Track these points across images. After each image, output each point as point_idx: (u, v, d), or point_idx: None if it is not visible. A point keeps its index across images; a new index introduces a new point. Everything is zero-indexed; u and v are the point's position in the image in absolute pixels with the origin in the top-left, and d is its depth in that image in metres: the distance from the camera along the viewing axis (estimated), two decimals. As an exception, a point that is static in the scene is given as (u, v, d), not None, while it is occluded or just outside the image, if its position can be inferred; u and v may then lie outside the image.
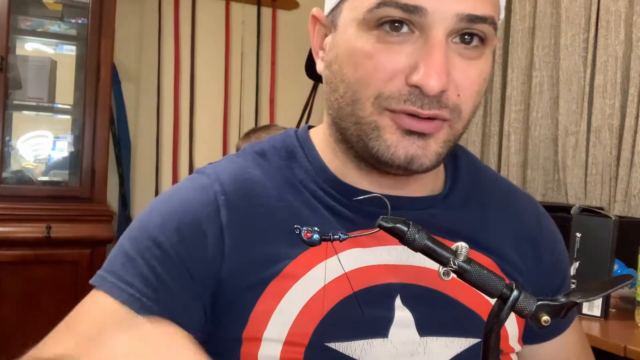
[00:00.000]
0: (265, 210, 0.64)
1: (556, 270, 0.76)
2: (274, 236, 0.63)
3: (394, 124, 0.59)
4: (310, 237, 0.39)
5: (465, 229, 0.68)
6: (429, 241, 0.37)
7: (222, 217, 0.63)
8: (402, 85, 0.57)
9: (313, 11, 0.67)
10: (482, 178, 0.74)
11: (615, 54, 2.05)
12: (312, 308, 0.61)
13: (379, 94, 0.58)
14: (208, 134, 3.14)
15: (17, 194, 2.44)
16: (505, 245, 0.70)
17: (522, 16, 2.43)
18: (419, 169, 0.60)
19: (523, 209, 0.75)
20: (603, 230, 1.46)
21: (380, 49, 0.57)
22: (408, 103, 0.57)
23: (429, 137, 0.60)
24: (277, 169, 0.67)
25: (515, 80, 2.45)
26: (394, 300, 0.62)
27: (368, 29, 0.58)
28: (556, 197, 2.33)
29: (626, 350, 1.28)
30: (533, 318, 0.38)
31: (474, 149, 2.65)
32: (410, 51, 0.57)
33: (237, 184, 0.66)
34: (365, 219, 0.63)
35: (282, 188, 0.66)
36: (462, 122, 0.62)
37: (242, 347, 0.61)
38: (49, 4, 2.61)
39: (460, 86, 0.59)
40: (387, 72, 0.57)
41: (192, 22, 3.12)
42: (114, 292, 0.61)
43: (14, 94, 2.51)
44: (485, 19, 0.57)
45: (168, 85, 3.07)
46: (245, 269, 0.62)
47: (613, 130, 2.06)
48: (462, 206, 0.70)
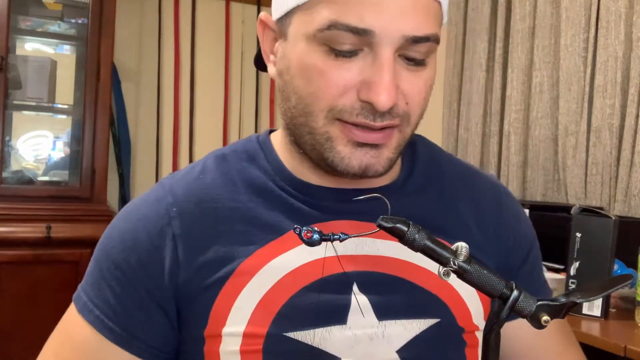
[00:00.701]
0: (219, 212, 0.67)
1: (519, 247, 0.77)
2: (228, 237, 0.66)
3: (345, 136, 0.62)
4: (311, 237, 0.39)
5: (423, 214, 0.71)
6: (429, 241, 0.37)
7: (174, 228, 0.67)
8: (355, 100, 0.60)
9: (261, 16, 0.70)
10: (441, 165, 0.77)
11: (615, 54, 2.05)
12: (268, 301, 0.63)
13: (331, 107, 0.61)
14: (208, 134, 3.14)
15: (17, 194, 2.44)
16: (465, 226, 0.73)
17: (522, 16, 2.43)
18: (374, 175, 0.64)
19: (483, 190, 0.77)
20: (603, 230, 1.46)
21: (331, 66, 0.60)
22: (360, 117, 0.60)
23: (381, 147, 0.63)
24: (237, 171, 0.71)
25: (515, 80, 2.45)
26: (350, 288, 0.65)
27: (318, 45, 0.60)
28: (556, 197, 2.33)
29: (626, 350, 1.28)
30: (533, 318, 0.38)
31: (473, 149, 2.65)
32: (361, 68, 0.60)
33: (190, 192, 0.69)
34: (322, 214, 0.67)
35: (239, 189, 0.69)
36: (411, 126, 0.65)
37: (205, 345, 0.64)
38: (49, 4, 2.61)
39: (408, 95, 0.62)
40: (338, 88, 0.60)
41: (192, 22, 3.12)
42: (84, 313, 0.67)
43: (14, 93, 2.51)
44: (428, 38, 0.60)
45: (168, 85, 3.07)
46: (202, 271, 0.65)
47: (613, 130, 2.06)
48: (419, 193, 0.73)
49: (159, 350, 0.66)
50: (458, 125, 2.78)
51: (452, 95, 2.81)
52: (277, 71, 0.67)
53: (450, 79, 2.81)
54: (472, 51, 2.67)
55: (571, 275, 1.51)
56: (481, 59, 2.63)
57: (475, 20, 2.67)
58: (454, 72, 2.79)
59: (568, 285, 1.52)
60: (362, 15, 0.57)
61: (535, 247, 0.80)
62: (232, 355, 0.63)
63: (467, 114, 2.72)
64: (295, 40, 0.62)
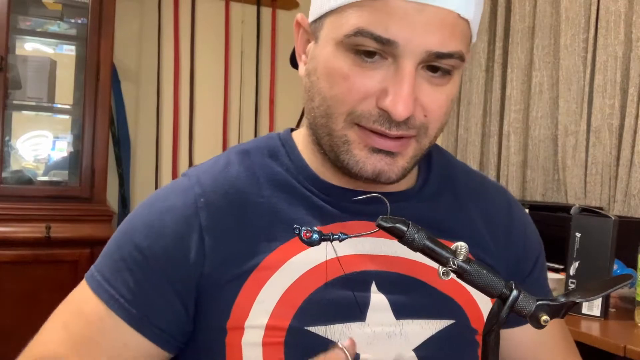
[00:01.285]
0: (245, 206, 0.69)
1: (528, 254, 0.80)
2: (253, 231, 0.68)
3: (362, 140, 0.64)
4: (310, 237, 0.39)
5: (438, 219, 0.73)
6: (429, 241, 0.37)
7: (202, 219, 0.67)
8: (373, 106, 0.62)
9: (297, 17, 0.71)
10: (455, 173, 0.79)
11: (615, 54, 2.05)
12: (290, 296, 0.65)
13: (351, 111, 0.63)
14: (208, 134, 3.14)
15: (17, 194, 2.44)
16: (476, 231, 0.75)
17: (522, 16, 2.43)
18: (386, 182, 0.66)
19: (494, 198, 0.80)
20: (603, 230, 1.46)
21: (355, 72, 0.62)
22: (377, 124, 0.62)
23: (397, 155, 0.65)
24: (260, 167, 0.72)
25: (515, 80, 2.45)
26: (369, 286, 0.66)
27: (345, 51, 0.62)
28: (556, 197, 2.33)
29: (626, 350, 1.28)
30: (532, 318, 0.38)
31: (474, 149, 2.65)
32: (382, 76, 0.61)
33: (217, 183, 0.70)
34: (341, 213, 0.69)
35: (263, 184, 0.70)
36: (429, 138, 0.67)
37: (227, 336, 0.65)
38: (48, 4, 2.61)
39: (428, 109, 0.63)
40: (360, 93, 0.62)
41: (192, 22, 3.12)
42: (99, 291, 0.67)
43: (14, 93, 2.51)
44: (452, 55, 0.61)
45: (168, 85, 3.07)
46: (226, 264, 0.66)
47: (613, 130, 2.06)
48: (434, 198, 0.75)
49: (173, 338, 0.67)
50: (458, 125, 2.78)
51: (452, 95, 2.81)
52: (306, 71, 0.69)
53: (450, 79, 2.81)
54: (472, 51, 2.67)
55: (571, 275, 1.51)
56: (481, 58, 2.63)
57: (475, 20, 2.67)
58: (454, 72, 2.79)
59: (568, 285, 1.52)
60: (387, 26, 0.59)
61: (542, 255, 0.82)
62: (254, 347, 0.64)
63: (467, 114, 2.72)
64: (324, 44, 0.65)
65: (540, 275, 0.81)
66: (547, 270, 0.84)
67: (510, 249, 0.77)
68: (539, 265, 0.81)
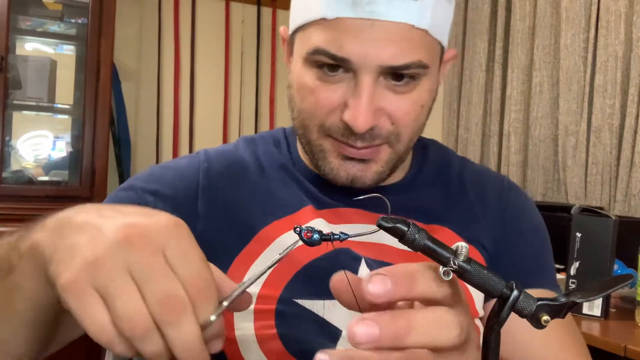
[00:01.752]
0: (245, 181, 0.74)
1: (527, 239, 0.79)
2: (249, 204, 0.72)
3: (335, 149, 0.68)
4: (311, 237, 0.40)
5: (428, 205, 0.75)
6: (429, 241, 0.37)
7: (201, 178, 0.73)
8: (339, 119, 0.65)
9: (280, 30, 0.75)
10: (452, 165, 0.81)
11: (615, 54, 2.05)
12: (283, 268, 0.68)
13: (322, 124, 0.67)
14: (208, 134, 3.14)
15: (17, 194, 2.44)
16: (470, 216, 0.76)
17: (522, 16, 2.43)
18: (362, 187, 0.69)
19: (489, 184, 0.81)
20: (603, 230, 1.46)
21: (320, 86, 0.65)
22: (344, 137, 0.66)
23: (369, 161, 0.68)
24: (263, 152, 0.78)
25: (515, 80, 2.45)
26: (359, 264, 0.69)
27: (310, 66, 0.66)
28: (556, 197, 2.33)
29: (626, 350, 1.28)
30: (533, 318, 0.38)
31: (474, 149, 2.65)
32: (344, 90, 0.64)
33: (222, 156, 0.76)
34: (333, 200, 0.73)
35: (265, 167, 0.76)
36: (403, 143, 0.69)
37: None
38: (49, 4, 2.61)
39: (394, 117, 0.66)
40: (325, 107, 0.66)
41: (192, 22, 3.12)
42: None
43: (14, 93, 2.51)
44: (408, 66, 0.63)
45: (168, 85, 3.07)
46: (222, 230, 0.70)
47: (613, 130, 2.06)
48: (426, 187, 0.77)
49: None
50: (458, 125, 2.78)
51: (452, 95, 2.81)
52: (288, 81, 0.72)
53: (450, 79, 2.81)
54: (472, 51, 2.67)
55: (571, 275, 1.51)
56: (481, 58, 2.63)
57: (475, 20, 2.67)
58: (454, 72, 2.79)
59: (568, 285, 1.52)
60: (341, 44, 0.62)
61: (540, 237, 0.80)
62: (246, 314, 0.67)
63: (467, 113, 2.72)
64: (297, 58, 0.68)
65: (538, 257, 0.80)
66: (550, 252, 0.81)
67: (503, 232, 0.77)
68: (543, 254, 0.80)
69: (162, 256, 0.38)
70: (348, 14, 0.61)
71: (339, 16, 0.61)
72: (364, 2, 0.60)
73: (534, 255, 0.79)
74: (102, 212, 0.42)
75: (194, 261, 0.39)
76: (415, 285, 0.37)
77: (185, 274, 0.38)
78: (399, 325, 0.36)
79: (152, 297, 0.37)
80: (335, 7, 0.62)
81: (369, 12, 0.60)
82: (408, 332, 0.36)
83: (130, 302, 0.37)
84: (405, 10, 0.61)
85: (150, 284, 0.37)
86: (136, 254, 0.38)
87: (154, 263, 0.38)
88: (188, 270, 0.39)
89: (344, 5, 0.61)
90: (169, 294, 0.37)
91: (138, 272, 0.38)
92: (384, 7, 0.60)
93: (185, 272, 0.39)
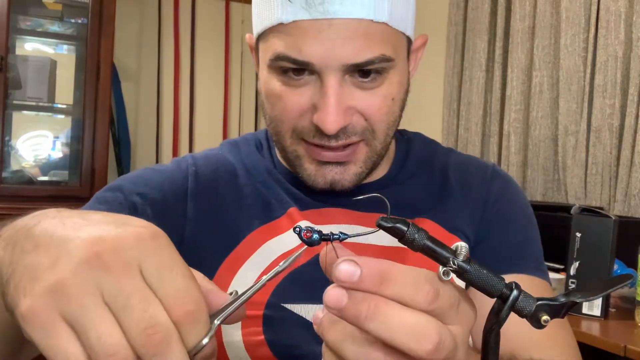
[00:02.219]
0: (231, 185, 0.73)
1: (506, 228, 0.76)
2: (236, 209, 0.72)
3: (310, 155, 0.67)
4: (310, 237, 0.39)
5: (408, 200, 0.74)
6: (429, 241, 0.37)
7: (190, 182, 0.72)
8: (310, 122, 0.65)
9: (246, 38, 0.74)
10: (436, 156, 0.80)
11: (615, 54, 2.05)
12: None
13: (293, 128, 0.66)
14: (208, 134, 3.14)
15: (17, 194, 2.44)
16: (450, 208, 0.75)
17: (522, 16, 2.43)
18: (342, 189, 0.68)
19: (471, 177, 0.79)
20: (603, 230, 1.46)
21: (286, 91, 0.65)
22: (316, 138, 0.65)
23: (347, 164, 0.67)
24: (247, 156, 0.77)
25: (515, 80, 2.45)
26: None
27: (275, 73, 0.65)
28: (556, 197, 2.32)
29: (626, 350, 1.28)
30: (532, 318, 0.38)
31: (474, 149, 2.65)
32: (311, 93, 0.64)
33: (208, 160, 0.76)
34: (316, 202, 0.72)
35: (249, 171, 0.76)
36: (379, 140, 0.68)
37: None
38: (49, 3, 2.61)
39: (366, 113, 0.65)
40: (294, 112, 0.65)
41: (192, 22, 3.12)
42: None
43: (14, 93, 2.51)
44: (372, 61, 0.62)
45: (168, 85, 3.07)
46: (209, 235, 0.69)
47: (613, 130, 2.06)
48: (409, 180, 0.77)
49: None
50: (458, 125, 2.78)
51: (452, 95, 2.81)
52: (257, 89, 0.72)
53: (450, 79, 2.81)
54: (472, 51, 2.67)
55: (571, 275, 1.51)
56: (481, 58, 2.63)
57: (475, 20, 2.67)
58: (454, 72, 2.79)
59: (568, 285, 1.52)
60: (301, 48, 0.61)
61: (520, 223, 0.77)
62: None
63: (467, 114, 2.72)
64: (262, 66, 0.68)
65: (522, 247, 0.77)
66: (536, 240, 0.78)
67: (488, 225, 0.75)
68: (526, 244, 0.76)
69: (139, 275, 0.34)
70: (303, 16, 0.60)
71: (295, 19, 0.61)
72: (317, 2, 0.60)
73: (514, 242, 0.76)
74: (66, 220, 0.37)
75: (176, 277, 0.35)
76: (387, 285, 0.35)
77: (168, 294, 0.34)
78: (364, 306, 0.34)
79: (131, 328, 0.33)
80: (290, 10, 0.61)
81: (323, 12, 0.60)
82: (370, 318, 0.34)
83: (106, 334, 0.32)
84: (361, 5, 0.60)
85: (127, 312, 0.33)
86: (109, 275, 0.33)
87: (130, 285, 0.33)
88: (170, 289, 0.34)
89: (299, 8, 0.61)
90: (150, 323, 0.33)
91: (112, 297, 0.33)
92: (338, 5, 0.60)
93: (167, 291, 0.34)
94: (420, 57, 0.74)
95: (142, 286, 0.33)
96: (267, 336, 0.65)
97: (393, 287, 0.35)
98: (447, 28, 2.81)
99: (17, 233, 0.38)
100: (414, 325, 0.34)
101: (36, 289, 0.33)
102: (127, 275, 0.33)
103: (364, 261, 0.35)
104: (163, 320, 0.33)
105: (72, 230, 0.35)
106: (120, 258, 0.34)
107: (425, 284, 0.35)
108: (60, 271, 0.33)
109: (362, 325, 0.34)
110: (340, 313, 0.35)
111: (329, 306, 0.35)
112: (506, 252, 0.74)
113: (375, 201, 0.51)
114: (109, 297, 0.33)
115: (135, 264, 0.34)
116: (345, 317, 0.35)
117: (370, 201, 0.53)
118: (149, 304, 0.33)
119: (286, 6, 0.61)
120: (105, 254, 0.33)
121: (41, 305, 0.33)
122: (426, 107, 2.84)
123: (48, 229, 0.36)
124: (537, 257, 0.77)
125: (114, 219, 0.37)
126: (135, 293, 0.33)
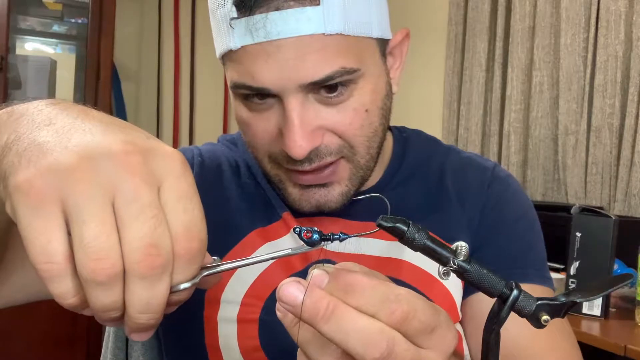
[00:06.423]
0: (230, 182, 0.73)
1: (507, 234, 0.73)
2: (236, 206, 0.70)
3: (290, 179, 0.64)
4: (310, 237, 0.39)
5: (401, 206, 0.71)
6: (429, 241, 0.37)
7: (194, 173, 0.70)
8: (281, 148, 0.61)
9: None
10: (433, 156, 0.76)
11: (615, 54, 2.05)
12: (269, 275, 0.66)
13: (269, 154, 0.64)
14: (208, 133, 3.14)
15: (17, 194, 2.44)
16: (446, 212, 0.71)
17: (522, 16, 2.43)
18: (329, 211, 0.64)
19: (470, 179, 0.75)
20: (603, 230, 1.46)
21: (253, 118, 0.62)
22: (290, 164, 0.61)
23: (330, 185, 0.63)
24: (242, 153, 0.76)
25: (515, 80, 2.45)
26: None
27: (240, 100, 0.62)
28: (556, 197, 2.33)
29: (626, 350, 1.28)
30: (532, 317, 0.38)
31: (473, 149, 2.65)
32: (276, 117, 0.60)
33: (213, 154, 0.75)
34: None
35: (249, 168, 0.74)
36: (360, 154, 0.63)
37: (205, 310, 0.66)
38: (49, 3, 2.61)
39: (338, 130, 0.60)
40: (264, 138, 0.62)
41: (192, 22, 3.12)
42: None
43: (14, 94, 2.51)
44: (331, 77, 0.57)
45: (168, 85, 3.07)
46: (211, 229, 0.69)
47: (613, 130, 2.06)
48: (404, 184, 0.73)
49: None
50: (458, 125, 2.78)
51: (452, 95, 2.81)
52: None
53: (450, 79, 2.81)
54: (472, 51, 2.67)
55: (571, 275, 1.51)
56: (481, 58, 2.63)
57: (475, 20, 2.67)
58: (454, 72, 2.79)
59: (568, 285, 1.52)
60: (253, 74, 0.58)
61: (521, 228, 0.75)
62: (229, 323, 0.65)
63: (467, 113, 2.72)
64: (230, 91, 0.64)
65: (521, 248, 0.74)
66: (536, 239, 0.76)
67: (487, 227, 0.72)
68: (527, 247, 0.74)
69: (157, 192, 0.31)
70: (249, 41, 0.57)
71: (243, 44, 0.57)
72: (258, 26, 0.56)
73: (514, 248, 0.73)
74: (95, 114, 0.33)
75: (193, 209, 0.32)
76: (351, 296, 0.34)
77: (178, 223, 0.31)
78: (321, 305, 0.33)
79: (132, 241, 0.29)
80: (236, 37, 0.58)
81: (266, 35, 0.56)
82: (325, 319, 0.33)
83: (102, 236, 0.29)
84: (307, 21, 0.55)
85: (135, 223, 0.30)
86: (130, 178, 0.30)
87: (147, 197, 0.30)
88: (184, 219, 0.32)
89: (243, 34, 0.57)
90: (155, 242, 0.30)
91: (125, 202, 0.30)
92: (281, 25, 0.55)
93: (179, 220, 0.31)
94: (407, 52, 0.69)
95: (157, 204, 0.30)
96: (262, 341, 0.64)
97: (358, 299, 0.34)
98: (447, 28, 2.81)
99: (29, 108, 0.34)
100: (365, 330, 0.33)
101: (43, 162, 0.29)
102: (148, 186, 0.30)
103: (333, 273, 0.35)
104: (167, 246, 0.31)
105: (103, 124, 0.32)
106: (147, 166, 0.31)
107: (394, 303, 0.34)
108: (79, 154, 0.29)
109: (316, 325, 0.33)
110: (293, 310, 0.34)
111: (281, 301, 0.34)
112: (506, 259, 0.72)
113: (369, 209, 0.50)
114: (120, 201, 0.30)
115: (156, 180, 0.31)
116: (300, 315, 0.33)
117: (364, 210, 0.52)
118: (158, 223, 0.30)
119: (231, 32, 0.58)
120: (133, 156, 0.30)
121: (43, 180, 0.29)
122: (426, 107, 2.84)
123: (71, 114, 0.33)
124: (540, 263, 0.74)
125: (147, 134, 0.34)
126: (150, 207, 0.30)
